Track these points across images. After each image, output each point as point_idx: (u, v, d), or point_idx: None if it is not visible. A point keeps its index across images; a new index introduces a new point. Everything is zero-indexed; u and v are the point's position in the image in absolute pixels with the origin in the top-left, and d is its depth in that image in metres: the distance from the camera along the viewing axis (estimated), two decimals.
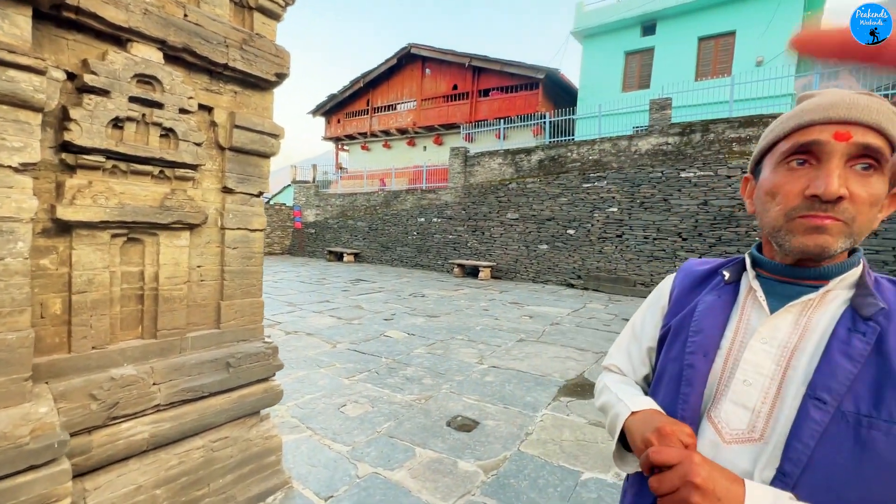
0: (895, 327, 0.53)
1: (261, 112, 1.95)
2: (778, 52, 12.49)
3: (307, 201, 18.55)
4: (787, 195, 0.57)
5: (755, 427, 0.58)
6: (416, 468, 2.37)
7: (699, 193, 9.47)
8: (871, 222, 0.56)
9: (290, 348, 4.56)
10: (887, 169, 0.55)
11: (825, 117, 0.55)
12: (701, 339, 0.66)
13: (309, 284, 9.66)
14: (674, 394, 0.66)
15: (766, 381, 0.59)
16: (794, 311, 0.60)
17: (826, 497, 0.51)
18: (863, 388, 0.52)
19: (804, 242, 0.56)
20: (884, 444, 0.49)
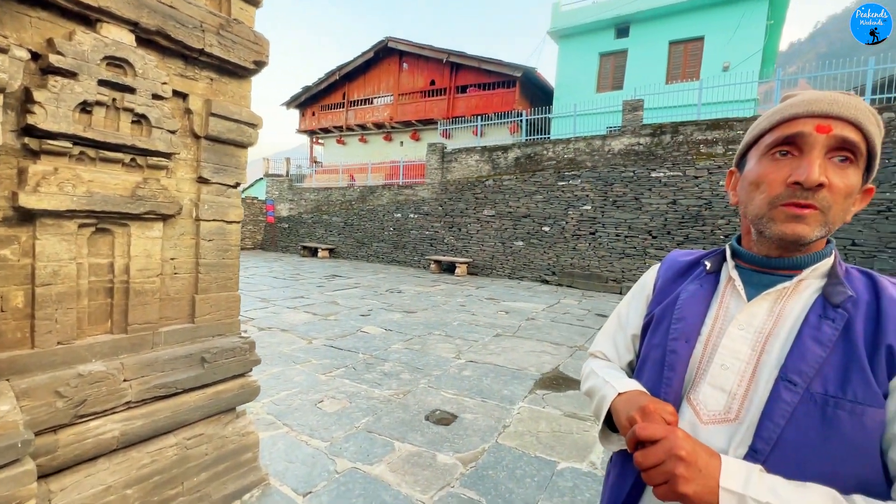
0: (862, 314, 0.57)
1: (238, 100, 1.90)
2: (743, 59, 13.02)
3: (280, 195, 18.14)
4: (772, 184, 0.61)
5: (731, 408, 0.61)
6: (395, 462, 2.37)
7: (668, 193, 9.79)
8: (845, 213, 0.60)
9: (264, 345, 4.46)
10: (862, 163, 0.59)
11: (808, 111, 0.59)
12: (683, 325, 0.69)
13: (283, 280, 9.46)
14: (657, 377, 0.69)
15: (742, 365, 0.62)
16: (769, 298, 0.63)
17: (792, 471, 0.54)
18: (831, 370, 0.55)
19: (783, 230, 0.59)
20: (847, 422, 0.53)
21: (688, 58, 14.19)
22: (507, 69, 15.37)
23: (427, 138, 17.66)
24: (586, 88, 15.67)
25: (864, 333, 0.56)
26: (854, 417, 0.53)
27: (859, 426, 0.53)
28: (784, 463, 0.55)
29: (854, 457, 0.53)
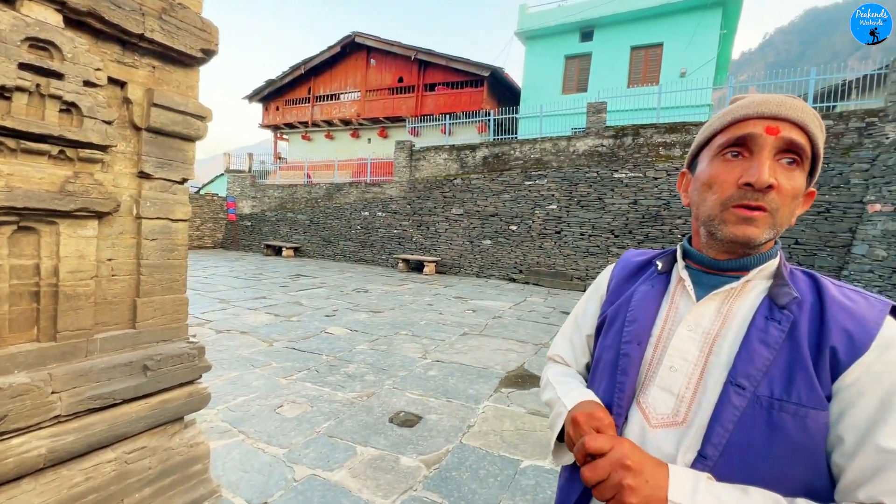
0: (806, 316, 0.57)
1: (184, 91, 1.78)
2: (699, 65, 13.61)
3: (242, 192, 17.49)
4: (723, 185, 0.61)
5: (679, 411, 0.60)
6: (356, 467, 2.31)
7: (630, 193, 10.11)
8: (791, 215, 0.60)
9: (221, 348, 4.27)
10: (807, 166, 0.60)
11: (758, 112, 0.59)
12: (635, 327, 0.68)
13: (244, 280, 9.12)
14: (610, 382, 0.68)
15: (690, 367, 0.61)
16: (717, 299, 0.63)
17: (740, 475, 0.54)
18: (777, 373, 0.55)
19: (734, 232, 0.59)
20: (792, 425, 0.53)
21: (648, 63, 14.70)
22: (475, 68, 15.43)
23: (395, 136, 17.49)
24: (552, 90, 15.97)
25: (809, 335, 0.56)
26: (798, 420, 0.53)
27: (803, 429, 0.53)
28: (731, 467, 0.54)
29: (799, 459, 0.53)
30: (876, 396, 0.51)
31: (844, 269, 7.89)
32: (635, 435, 0.63)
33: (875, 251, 7.39)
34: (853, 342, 0.53)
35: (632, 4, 14.26)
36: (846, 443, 0.51)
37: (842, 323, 0.55)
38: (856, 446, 0.50)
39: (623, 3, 14.34)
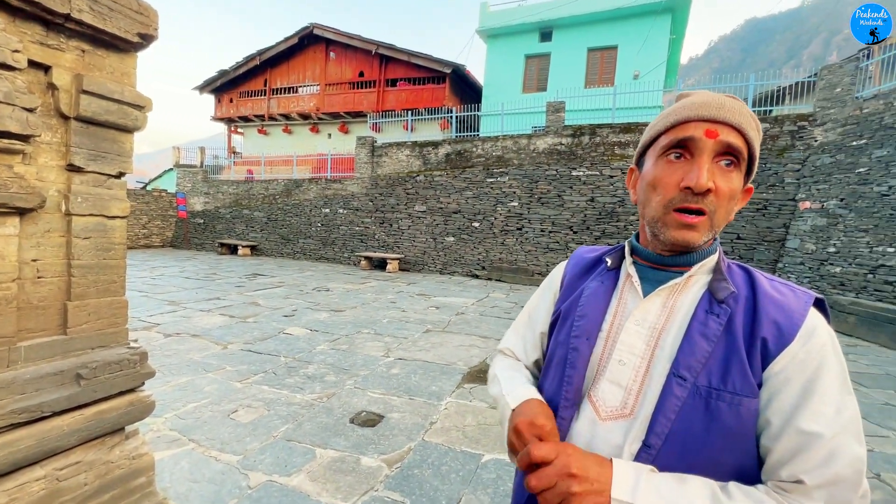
0: (741, 309, 0.60)
1: (119, 77, 1.65)
2: (651, 68, 14.22)
3: (194, 188, 16.63)
4: (666, 187, 0.62)
5: (626, 404, 0.62)
6: (315, 470, 2.26)
7: (587, 191, 10.44)
8: (729, 214, 0.63)
9: (170, 352, 4.04)
10: (744, 166, 0.63)
11: (698, 115, 0.61)
12: (585, 323, 0.69)
13: (196, 280, 8.69)
14: (560, 376, 0.69)
15: (637, 361, 0.63)
16: (662, 294, 0.65)
17: (679, 462, 0.56)
18: (714, 363, 0.58)
19: (675, 236, 0.62)
20: (727, 413, 0.56)
21: (604, 64, 15.21)
22: (437, 65, 15.40)
23: (356, 131, 17.18)
24: (513, 88, 16.19)
25: (743, 327, 0.59)
26: (732, 408, 0.56)
27: (736, 416, 0.55)
28: (672, 455, 0.56)
29: (732, 445, 0.56)
30: (799, 383, 0.54)
31: (779, 261, 8.51)
32: (586, 428, 0.64)
33: (805, 245, 8.02)
34: (781, 333, 0.57)
35: (588, 7, 14.68)
36: (773, 426, 0.55)
37: (772, 315, 0.58)
38: (781, 429, 0.54)
39: (580, 5, 14.73)
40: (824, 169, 8.19)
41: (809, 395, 0.54)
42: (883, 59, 8.03)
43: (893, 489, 2.32)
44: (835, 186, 7.83)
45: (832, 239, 7.53)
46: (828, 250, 7.54)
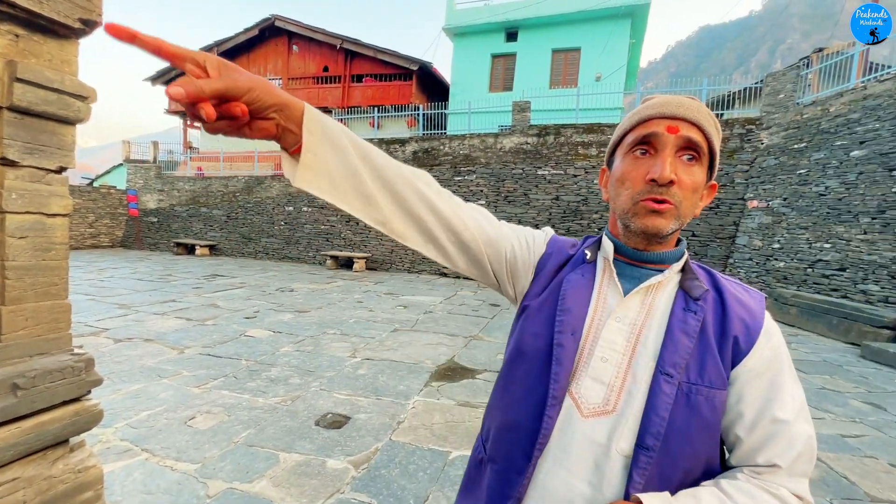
0: (710, 307, 0.64)
1: (59, 65, 1.54)
2: (612, 71, 14.69)
3: (146, 184, 15.78)
4: (634, 181, 0.65)
5: (609, 400, 0.62)
6: (279, 475, 2.20)
7: (552, 189, 10.67)
8: (694, 207, 0.66)
9: (120, 358, 3.82)
10: (705, 162, 0.66)
11: (660, 112, 0.64)
12: (569, 317, 0.68)
13: (149, 282, 8.25)
14: (541, 371, 0.67)
15: (619, 358, 0.64)
16: (641, 292, 0.67)
17: (666, 458, 0.58)
18: (694, 360, 0.61)
19: (644, 223, 0.64)
20: (704, 405, 0.59)
21: (567, 66, 15.57)
22: (403, 61, 15.29)
23: None
24: (480, 87, 16.31)
25: (714, 324, 0.63)
26: (708, 401, 0.59)
27: (711, 408, 0.59)
28: (665, 452, 0.58)
29: (706, 435, 0.60)
30: (767, 378, 0.60)
31: (730, 257, 9.01)
32: (566, 425, 0.63)
33: (753, 242, 8.53)
34: (749, 331, 0.62)
35: (552, 9, 14.98)
36: (746, 417, 0.59)
37: (739, 314, 0.63)
38: (755, 419, 0.59)
39: (544, 6, 15.01)
40: (769, 170, 8.73)
41: (775, 388, 0.59)
42: (821, 68, 8.64)
43: (829, 466, 2.51)
44: (779, 186, 8.36)
45: (776, 236, 8.05)
46: (773, 246, 8.06)
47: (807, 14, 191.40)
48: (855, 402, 3.58)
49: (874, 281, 6.15)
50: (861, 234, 6.53)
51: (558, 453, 0.63)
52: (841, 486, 2.32)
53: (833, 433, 2.96)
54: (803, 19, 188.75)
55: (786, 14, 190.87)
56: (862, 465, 2.55)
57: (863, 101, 7.24)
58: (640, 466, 0.58)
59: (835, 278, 6.75)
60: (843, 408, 3.43)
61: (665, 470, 0.58)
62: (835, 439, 2.87)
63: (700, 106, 0.65)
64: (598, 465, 0.60)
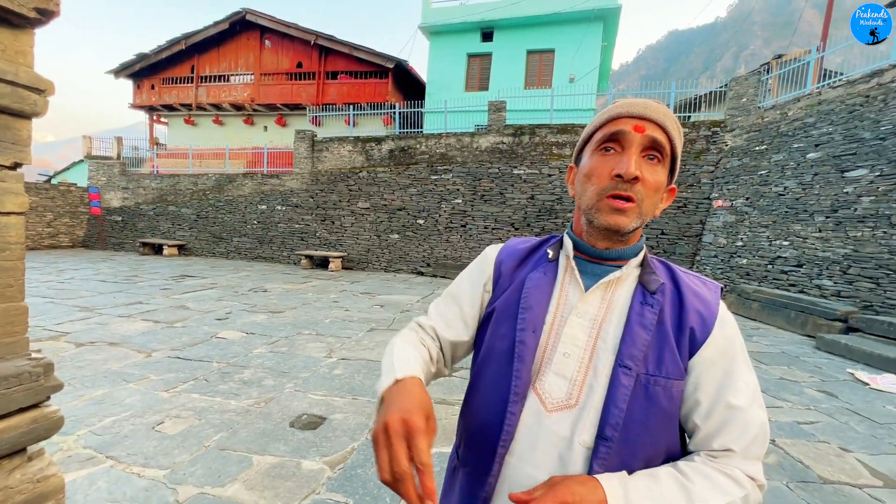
0: (668, 300, 0.66)
1: (13, 57, 1.47)
2: (585, 73, 14.98)
3: (110, 182, 15.13)
4: (600, 176, 0.67)
5: (571, 395, 0.64)
6: (252, 478, 2.16)
7: (528, 189, 10.81)
8: (655, 206, 0.68)
9: (82, 363, 3.67)
10: (667, 163, 0.68)
11: (628, 112, 0.67)
12: (530, 315, 0.70)
13: (114, 284, 7.93)
14: (506, 370, 0.68)
15: (580, 352, 0.66)
16: (601, 287, 0.69)
17: (626, 447, 0.60)
18: (652, 352, 0.63)
19: (608, 220, 0.66)
20: (662, 396, 0.61)
21: (542, 67, 15.79)
22: (379, 59, 15.16)
23: (294, 124, 16.52)
24: (456, 86, 16.34)
25: (671, 317, 0.65)
26: (666, 391, 0.62)
27: (669, 398, 0.62)
28: (624, 442, 0.60)
29: (665, 425, 0.62)
30: (722, 366, 0.63)
31: (697, 254, 9.35)
32: (532, 420, 0.65)
33: (718, 239, 8.88)
34: (704, 323, 0.64)
35: (527, 10, 15.15)
36: (702, 405, 0.62)
37: (695, 306, 0.65)
38: (711, 407, 0.62)
39: (519, 7, 15.16)
40: (733, 171, 9.11)
41: (730, 376, 0.62)
42: (780, 73, 9.07)
43: (786, 452, 2.65)
44: (742, 187, 8.73)
45: (740, 234, 8.40)
46: (736, 244, 8.41)
47: (768, 22, 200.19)
48: (810, 390, 3.78)
49: (828, 276, 6.51)
50: (816, 233, 6.90)
51: (525, 449, 0.64)
52: (796, 470, 2.45)
53: (790, 420, 3.12)
54: (764, 27, 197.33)
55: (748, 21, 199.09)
56: (815, 449, 2.71)
57: (818, 105, 7.64)
58: (599, 457, 0.60)
59: (793, 274, 7.10)
60: (799, 396, 3.63)
61: (625, 459, 0.60)
62: (791, 426, 3.03)
63: (666, 110, 0.68)
64: (562, 458, 0.62)
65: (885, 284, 5.73)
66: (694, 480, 0.58)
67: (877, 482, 2.36)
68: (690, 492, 0.57)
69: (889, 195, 5.98)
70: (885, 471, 2.48)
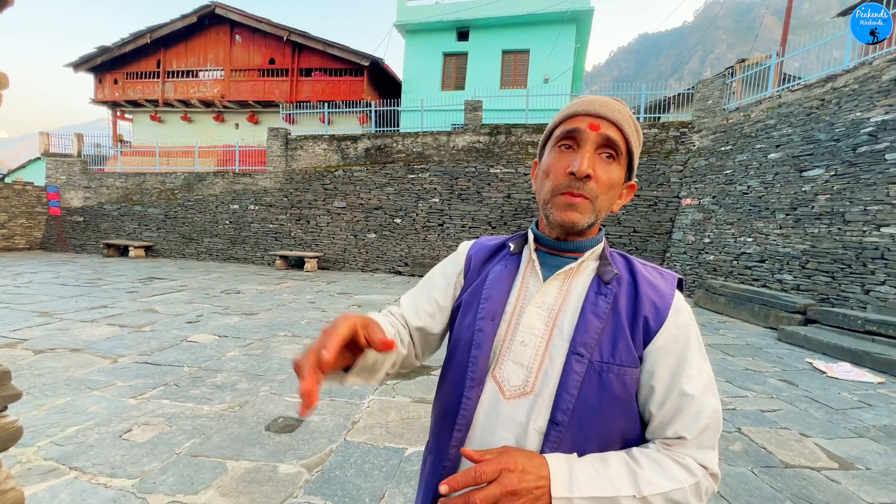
0: (624, 290, 0.68)
1: None
2: (559, 73, 15.22)
3: (70, 180, 14.44)
4: (556, 173, 0.69)
5: (528, 382, 0.66)
6: (227, 484, 2.11)
7: (504, 188, 10.90)
8: (610, 203, 0.70)
9: (42, 371, 3.49)
10: (623, 161, 0.70)
11: (584, 110, 0.68)
12: (489, 304, 0.72)
13: (75, 287, 7.57)
14: (466, 358, 0.71)
15: (537, 341, 0.68)
16: (559, 278, 0.71)
17: (579, 433, 0.62)
18: (605, 340, 0.64)
19: (561, 217, 0.68)
20: (615, 383, 0.63)
21: (517, 67, 15.95)
22: (354, 56, 14.98)
23: (267, 122, 16.16)
24: (432, 85, 16.33)
25: (626, 307, 0.66)
26: (619, 378, 0.63)
27: (622, 385, 0.63)
28: (575, 427, 0.62)
29: (620, 412, 0.63)
30: (675, 354, 0.64)
31: (668, 251, 9.65)
32: (490, 406, 0.67)
33: (687, 237, 9.19)
34: (658, 312, 0.66)
35: (502, 10, 15.27)
36: (657, 393, 0.63)
37: (650, 296, 0.67)
38: (665, 395, 0.62)
39: (494, 7, 15.27)
40: (700, 170, 9.43)
41: (683, 364, 0.63)
42: (743, 77, 9.44)
43: (751, 440, 2.77)
44: (709, 186, 9.05)
45: (707, 231, 8.72)
46: (704, 241, 8.72)
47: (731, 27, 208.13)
48: (773, 380, 3.97)
49: (788, 271, 6.83)
50: (777, 229, 7.22)
51: (485, 436, 0.66)
52: (760, 456, 2.57)
53: (754, 409, 3.27)
54: (728, 31, 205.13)
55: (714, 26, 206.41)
56: (777, 436, 2.84)
57: (778, 108, 8.00)
58: (550, 441, 0.61)
59: (756, 269, 7.42)
60: (762, 386, 3.80)
61: (578, 444, 0.62)
62: (756, 415, 3.17)
63: (623, 108, 0.69)
64: (518, 444, 0.64)
65: (839, 278, 6.06)
66: (643, 465, 0.59)
67: (833, 465, 2.50)
68: (638, 476, 0.58)
69: (842, 194, 6.33)
70: (841, 453, 2.63)
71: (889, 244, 5.55)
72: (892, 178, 5.70)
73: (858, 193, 6.10)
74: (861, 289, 5.76)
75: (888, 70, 6.18)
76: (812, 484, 2.29)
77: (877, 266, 5.63)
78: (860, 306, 5.68)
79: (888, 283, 5.46)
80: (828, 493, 2.21)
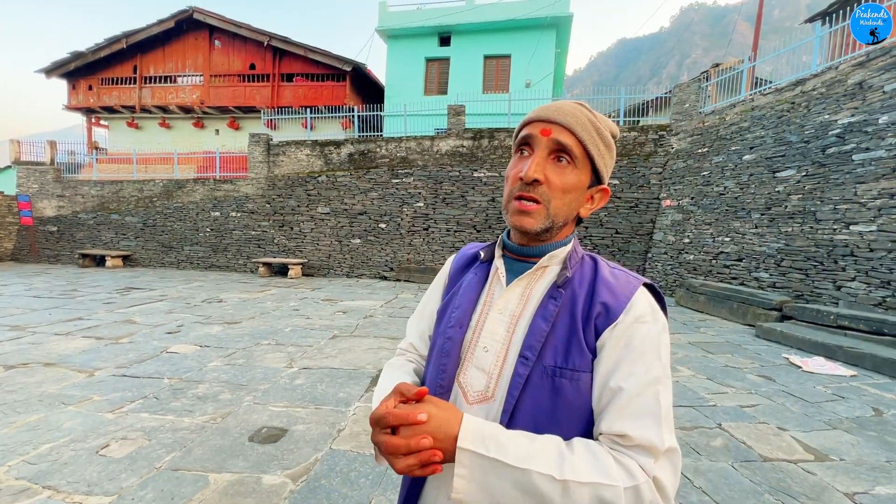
0: (583, 293, 0.67)
1: None
2: (540, 78, 15.41)
3: (42, 189, 14.02)
4: (510, 179, 0.71)
5: (488, 387, 0.67)
6: (209, 498, 2.06)
7: (488, 191, 10.97)
8: (570, 207, 0.70)
9: (13, 387, 3.37)
10: (582, 165, 0.69)
11: (538, 116, 0.70)
12: (458, 313, 0.74)
13: (49, 299, 7.34)
14: (437, 363, 0.72)
15: (498, 346, 0.69)
16: (521, 284, 0.72)
17: None
18: (559, 345, 0.64)
19: (514, 221, 0.69)
20: (569, 387, 0.62)
21: (499, 72, 16.10)
22: (336, 62, 14.93)
23: (249, 128, 15.96)
24: (415, 90, 16.37)
25: (582, 310, 0.66)
26: (573, 383, 0.62)
27: (576, 389, 0.62)
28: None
29: (574, 416, 0.62)
30: (615, 351, 0.62)
31: (649, 252, 9.83)
32: None
33: (667, 237, 9.38)
34: (608, 313, 0.64)
35: (483, 16, 15.43)
36: (594, 390, 0.62)
37: (603, 297, 0.66)
38: (600, 391, 0.61)
39: (476, 13, 15.42)
40: (679, 172, 9.65)
41: (621, 362, 0.61)
42: (718, 81, 9.71)
43: (731, 435, 2.84)
44: (687, 187, 9.26)
45: (686, 231, 8.91)
46: (683, 241, 8.91)
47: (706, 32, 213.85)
48: (751, 375, 4.07)
49: (764, 269, 7.03)
50: (753, 229, 7.43)
51: None
52: (740, 451, 2.63)
53: (734, 405, 3.34)
54: (703, 37, 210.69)
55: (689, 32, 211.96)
56: (756, 430, 2.91)
57: (751, 111, 8.25)
58: None
59: (734, 268, 7.61)
60: (741, 381, 3.89)
61: None
62: (735, 410, 3.25)
63: (579, 112, 0.69)
64: None
65: (812, 275, 6.26)
66: (576, 452, 0.55)
67: (809, 457, 2.57)
68: (565, 459, 0.54)
69: (813, 193, 6.55)
70: (816, 446, 2.71)
71: (858, 242, 5.76)
72: (860, 178, 5.92)
73: (829, 193, 6.31)
74: (833, 285, 5.96)
75: (853, 74, 6.43)
76: (789, 476, 2.35)
77: (847, 263, 5.83)
78: (832, 302, 5.87)
79: (858, 280, 5.66)
80: (804, 484, 2.28)
